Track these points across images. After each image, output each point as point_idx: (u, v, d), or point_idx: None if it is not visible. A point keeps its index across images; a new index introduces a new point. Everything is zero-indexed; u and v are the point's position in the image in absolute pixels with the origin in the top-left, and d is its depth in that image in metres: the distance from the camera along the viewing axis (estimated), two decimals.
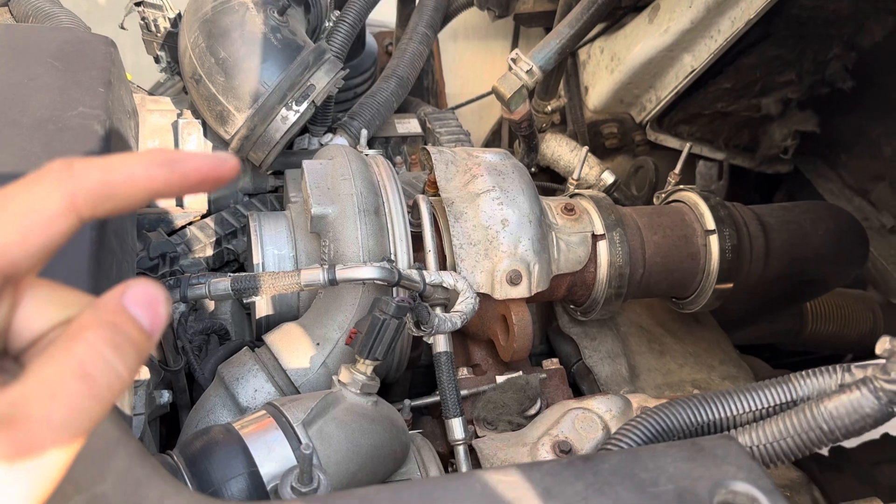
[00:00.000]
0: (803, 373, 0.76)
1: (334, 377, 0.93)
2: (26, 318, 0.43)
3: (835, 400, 0.70)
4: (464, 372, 1.18)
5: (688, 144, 1.39)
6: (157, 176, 0.43)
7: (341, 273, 0.97)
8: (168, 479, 0.57)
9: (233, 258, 1.32)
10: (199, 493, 0.60)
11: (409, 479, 0.91)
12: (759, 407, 0.76)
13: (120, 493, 0.54)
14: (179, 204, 1.34)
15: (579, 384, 1.34)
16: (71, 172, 0.42)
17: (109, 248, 0.77)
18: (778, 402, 0.76)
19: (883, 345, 0.69)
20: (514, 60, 1.32)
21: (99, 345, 0.40)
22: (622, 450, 0.72)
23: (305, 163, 1.12)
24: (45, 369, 0.39)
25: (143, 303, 0.42)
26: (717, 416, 0.76)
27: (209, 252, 1.29)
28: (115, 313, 0.41)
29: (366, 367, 0.91)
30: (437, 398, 1.13)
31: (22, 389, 0.37)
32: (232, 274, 0.99)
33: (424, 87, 1.95)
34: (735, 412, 0.76)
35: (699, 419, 0.76)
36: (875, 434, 1.95)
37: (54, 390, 0.38)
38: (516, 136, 1.58)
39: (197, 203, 1.34)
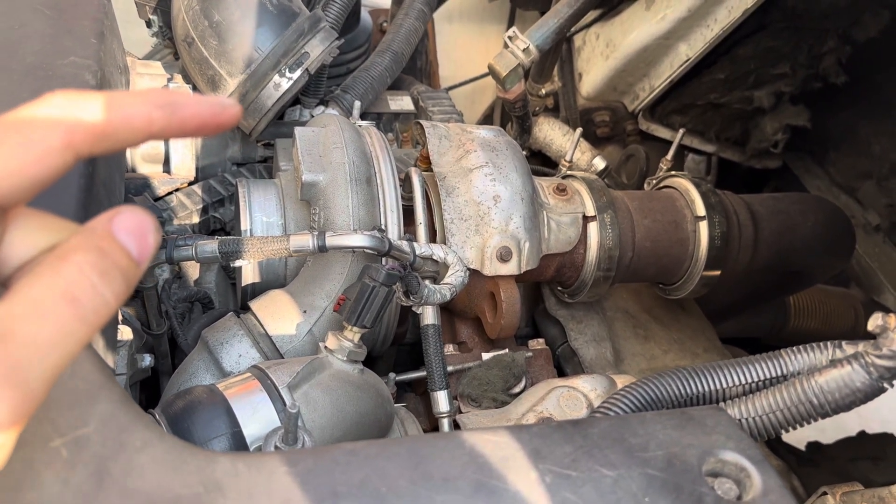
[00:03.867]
0: (794, 348, 0.76)
1: (321, 343, 0.92)
2: (14, 245, 0.42)
3: (826, 374, 0.70)
4: (450, 349, 1.18)
5: (681, 130, 1.39)
6: (157, 118, 0.43)
7: (331, 240, 0.96)
8: (152, 425, 0.55)
9: (219, 227, 1.31)
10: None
11: (397, 437, 0.91)
12: (749, 381, 0.76)
13: (102, 437, 0.53)
14: (166, 170, 1.32)
15: (564, 367, 1.34)
16: (72, 108, 0.41)
17: (97, 199, 0.75)
18: (768, 376, 0.76)
19: (875, 321, 0.69)
20: (510, 38, 1.31)
21: (86, 269, 0.39)
22: (612, 416, 0.72)
23: (297, 130, 1.11)
24: (31, 290, 0.38)
25: (133, 230, 0.41)
26: (706, 388, 0.76)
27: (195, 219, 1.27)
28: (103, 239, 0.41)
29: (353, 334, 0.90)
30: (422, 373, 1.12)
31: (8, 308, 0.37)
32: (219, 237, 0.97)
33: (418, 68, 1.93)
34: (725, 385, 0.76)
35: (689, 391, 0.76)
36: (852, 431, 1.98)
37: (41, 310, 0.37)
38: (508, 120, 1.57)
39: (184, 170, 1.32)
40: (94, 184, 0.75)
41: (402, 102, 1.57)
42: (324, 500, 0.52)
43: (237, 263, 1.06)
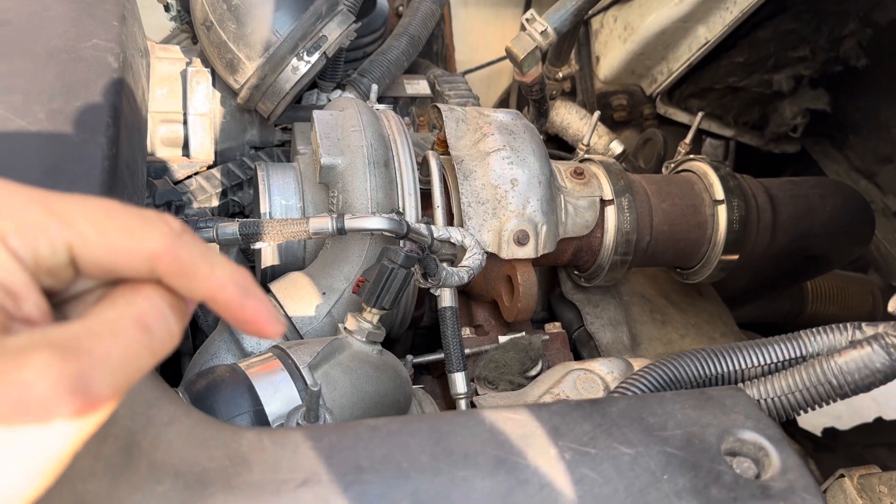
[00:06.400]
0: (813, 329, 0.76)
1: (340, 325, 0.93)
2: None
3: (845, 355, 0.70)
4: (466, 332, 1.18)
5: (699, 114, 1.38)
6: (229, 291, 0.43)
7: (350, 222, 0.97)
8: (178, 401, 0.56)
9: (238, 210, 1.32)
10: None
11: (418, 415, 0.92)
12: (768, 361, 0.76)
13: (131, 412, 0.54)
14: (186, 154, 1.33)
15: (580, 351, 1.34)
16: (180, 237, 0.42)
17: (122, 180, 0.76)
18: (787, 357, 0.75)
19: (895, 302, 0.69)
20: (528, 21, 1.30)
21: (159, 301, 0.41)
22: (630, 395, 0.72)
23: (316, 113, 1.11)
24: (107, 312, 0.39)
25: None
26: (725, 369, 0.76)
27: (215, 203, 1.28)
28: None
29: (372, 315, 0.91)
30: (439, 356, 1.13)
31: (85, 325, 0.38)
32: (240, 220, 0.98)
33: (434, 52, 1.93)
34: (744, 366, 0.76)
35: (708, 371, 0.76)
36: (868, 417, 1.97)
37: (116, 331, 0.38)
38: (525, 104, 1.57)
39: (203, 154, 1.33)
40: (118, 165, 0.76)
41: (418, 86, 1.57)
42: (347, 474, 0.53)
43: (257, 246, 1.07)
